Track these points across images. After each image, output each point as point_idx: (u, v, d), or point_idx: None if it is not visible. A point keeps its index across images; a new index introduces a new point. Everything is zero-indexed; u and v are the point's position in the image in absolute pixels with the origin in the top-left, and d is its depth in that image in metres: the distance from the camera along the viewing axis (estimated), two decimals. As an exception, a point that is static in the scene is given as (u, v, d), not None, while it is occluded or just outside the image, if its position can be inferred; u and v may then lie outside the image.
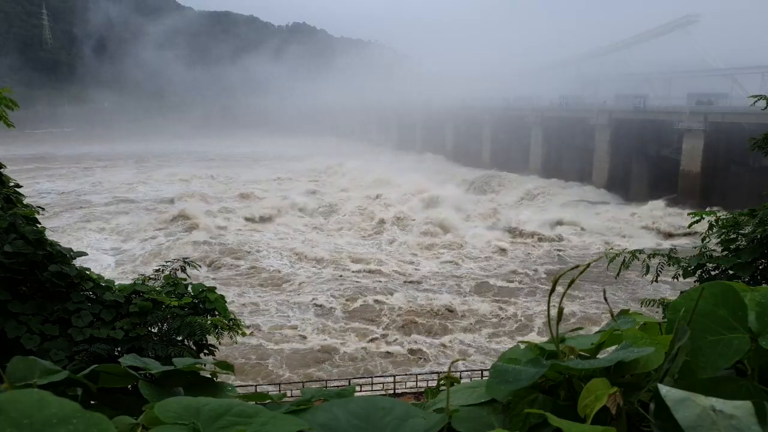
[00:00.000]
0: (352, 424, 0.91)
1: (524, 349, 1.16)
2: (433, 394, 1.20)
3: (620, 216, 40.20)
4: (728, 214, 8.45)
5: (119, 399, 1.19)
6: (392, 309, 23.59)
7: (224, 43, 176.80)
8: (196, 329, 6.96)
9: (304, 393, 1.14)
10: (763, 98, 8.77)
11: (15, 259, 6.38)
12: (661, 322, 1.16)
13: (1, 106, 7.09)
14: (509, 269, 29.60)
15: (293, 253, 31.80)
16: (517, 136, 63.27)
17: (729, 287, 1.00)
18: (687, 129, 43.36)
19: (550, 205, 45.12)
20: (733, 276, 7.70)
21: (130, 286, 7.29)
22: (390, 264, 30.18)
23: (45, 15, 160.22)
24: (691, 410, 0.77)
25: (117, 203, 47.63)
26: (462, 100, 77.59)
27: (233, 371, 1.40)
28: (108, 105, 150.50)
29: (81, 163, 77.84)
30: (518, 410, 0.98)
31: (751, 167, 38.85)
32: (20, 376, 1.03)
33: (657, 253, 8.48)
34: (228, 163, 76.34)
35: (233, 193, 52.02)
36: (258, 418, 0.88)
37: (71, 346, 6.44)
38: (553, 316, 1.09)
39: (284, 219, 40.60)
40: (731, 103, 46.29)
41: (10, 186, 7.29)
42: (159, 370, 1.17)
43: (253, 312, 23.14)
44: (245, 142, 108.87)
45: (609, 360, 0.98)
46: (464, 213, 41.63)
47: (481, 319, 22.88)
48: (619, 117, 51.37)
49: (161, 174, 63.22)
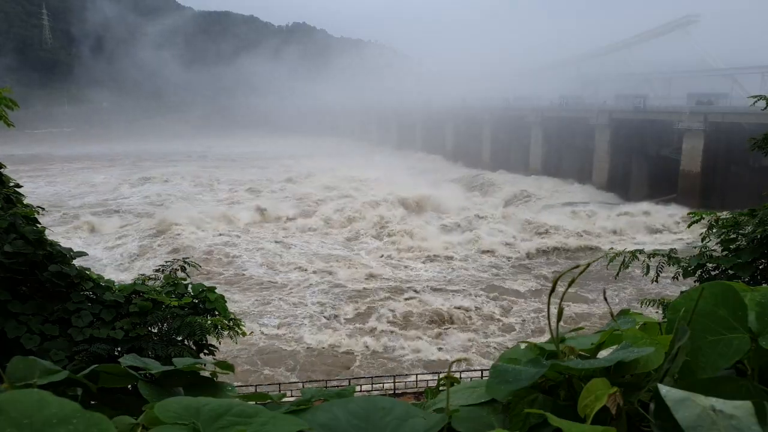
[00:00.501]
0: (352, 424, 0.91)
1: (524, 349, 1.16)
2: (433, 394, 1.20)
3: (620, 216, 40.17)
4: (728, 214, 8.46)
5: (119, 399, 1.19)
6: (392, 310, 23.54)
7: (224, 43, 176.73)
8: (196, 329, 6.96)
9: (304, 393, 1.14)
10: (762, 98, 8.77)
11: (15, 259, 6.38)
12: (661, 322, 1.16)
13: (1, 105, 7.09)
14: (502, 270, 29.67)
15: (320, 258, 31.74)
16: (517, 136, 63.28)
17: (729, 287, 1.00)
18: (687, 129, 43.36)
19: (550, 205, 45.18)
20: (733, 276, 7.69)
21: (130, 286, 7.29)
22: (379, 266, 30.15)
23: (45, 15, 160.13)
24: (691, 410, 0.77)
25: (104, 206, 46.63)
26: (462, 100, 77.63)
27: (233, 371, 1.40)
28: (107, 105, 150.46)
29: (79, 162, 77.83)
30: (518, 410, 0.98)
31: (751, 167, 38.86)
32: (20, 376, 1.03)
33: (657, 253, 8.48)
34: (226, 163, 76.18)
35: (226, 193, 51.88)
36: (258, 418, 0.88)
37: (71, 346, 6.44)
38: (554, 315, 1.09)
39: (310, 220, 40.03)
40: (731, 103, 46.30)
41: (10, 186, 7.29)
42: (159, 370, 1.17)
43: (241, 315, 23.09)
44: (244, 142, 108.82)
45: (609, 360, 0.98)
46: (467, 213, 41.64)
47: (480, 320, 22.90)
48: (619, 117, 51.38)
49: (149, 174, 62.09)
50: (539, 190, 50.43)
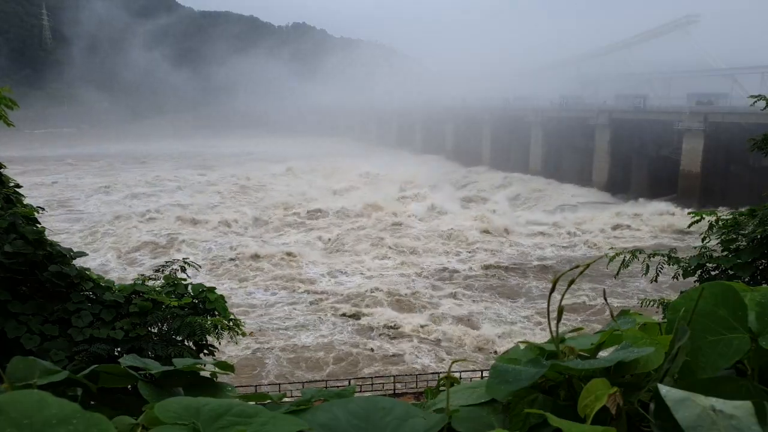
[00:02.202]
0: (352, 424, 0.91)
1: (524, 349, 1.16)
2: (433, 394, 1.20)
3: (620, 215, 40.17)
4: (728, 215, 8.46)
5: (119, 399, 1.19)
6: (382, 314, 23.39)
7: (224, 43, 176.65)
8: (196, 329, 6.96)
9: (304, 393, 1.14)
10: (762, 98, 8.77)
11: (15, 259, 6.38)
12: (661, 322, 1.16)
13: (1, 105, 7.09)
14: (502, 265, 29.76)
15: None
16: (517, 136, 63.30)
17: (729, 287, 1.00)
18: (687, 129, 43.37)
19: (553, 204, 45.27)
20: (733, 276, 7.69)
21: (130, 286, 7.29)
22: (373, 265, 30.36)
23: (45, 15, 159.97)
24: (691, 410, 0.77)
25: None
26: (462, 100, 77.65)
27: (233, 371, 1.40)
28: (107, 105, 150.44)
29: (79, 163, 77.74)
30: (518, 410, 0.98)
31: (751, 167, 38.88)
32: (20, 376, 1.03)
33: (657, 253, 8.48)
34: (222, 163, 75.97)
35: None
36: (258, 418, 0.88)
37: (71, 346, 6.44)
38: (553, 315, 1.09)
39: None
40: (731, 103, 46.36)
41: (10, 186, 7.29)
42: (159, 370, 1.17)
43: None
44: (244, 142, 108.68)
45: (609, 360, 0.98)
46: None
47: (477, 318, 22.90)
48: (619, 117, 51.39)
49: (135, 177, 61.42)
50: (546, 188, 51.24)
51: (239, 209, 42.52)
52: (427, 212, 41.00)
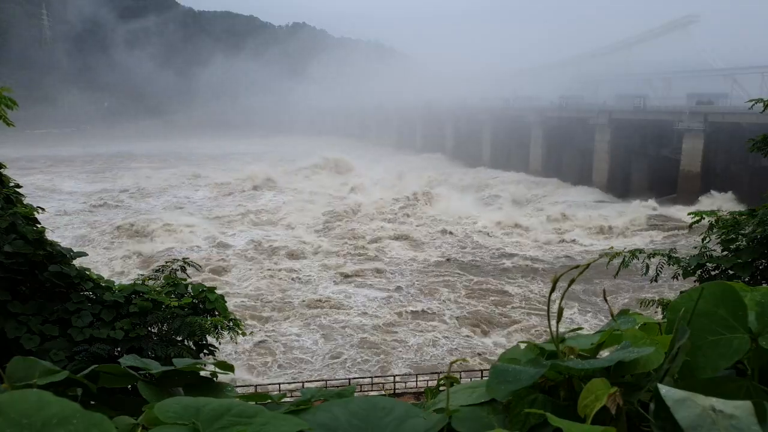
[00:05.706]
0: (352, 424, 0.91)
1: (524, 349, 1.16)
2: (433, 394, 1.20)
3: (620, 215, 40.19)
4: (728, 215, 8.45)
5: (119, 399, 1.19)
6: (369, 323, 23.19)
7: (223, 43, 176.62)
8: (196, 329, 6.97)
9: (304, 393, 1.14)
10: (760, 101, 8.79)
11: (15, 259, 6.38)
12: (661, 322, 1.16)
13: (1, 105, 7.09)
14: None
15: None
16: (517, 136, 63.28)
17: (729, 287, 1.00)
18: (687, 129, 43.36)
19: (551, 204, 45.25)
20: (733, 276, 7.69)
21: (130, 286, 7.29)
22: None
23: (45, 15, 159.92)
24: (691, 410, 0.77)
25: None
26: (462, 100, 77.62)
27: (233, 371, 1.40)
28: (108, 105, 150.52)
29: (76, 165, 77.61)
30: (518, 410, 0.98)
31: (751, 167, 38.86)
32: (20, 376, 1.03)
33: (657, 253, 8.47)
34: (220, 164, 75.59)
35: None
36: (258, 418, 0.88)
37: (71, 347, 6.44)
38: (553, 315, 1.09)
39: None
40: (731, 103, 46.32)
41: (10, 186, 7.29)
42: (159, 370, 1.17)
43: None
44: (243, 142, 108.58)
45: (609, 360, 0.98)
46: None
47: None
48: (619, 117, 51.38)
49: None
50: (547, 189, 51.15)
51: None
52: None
